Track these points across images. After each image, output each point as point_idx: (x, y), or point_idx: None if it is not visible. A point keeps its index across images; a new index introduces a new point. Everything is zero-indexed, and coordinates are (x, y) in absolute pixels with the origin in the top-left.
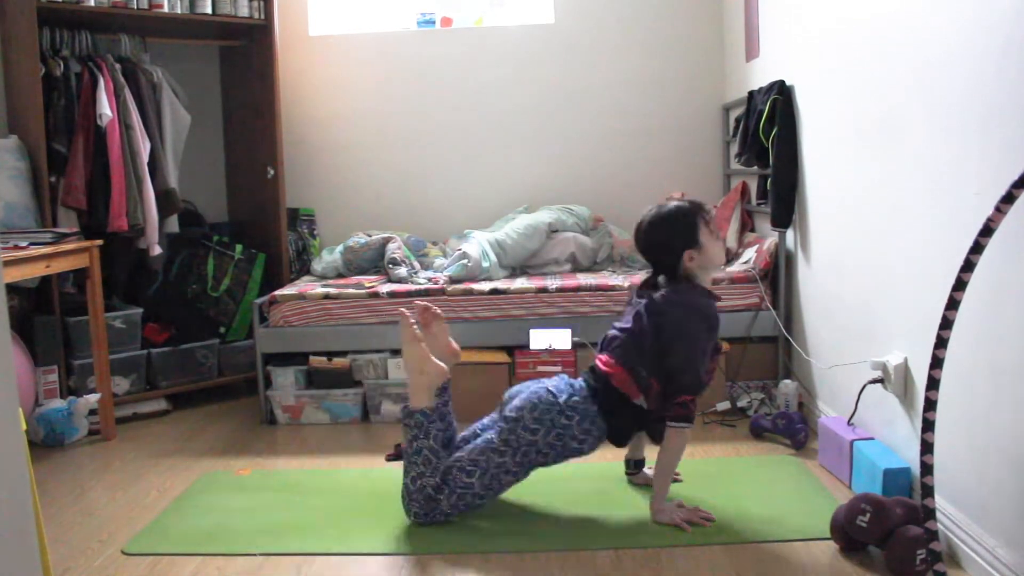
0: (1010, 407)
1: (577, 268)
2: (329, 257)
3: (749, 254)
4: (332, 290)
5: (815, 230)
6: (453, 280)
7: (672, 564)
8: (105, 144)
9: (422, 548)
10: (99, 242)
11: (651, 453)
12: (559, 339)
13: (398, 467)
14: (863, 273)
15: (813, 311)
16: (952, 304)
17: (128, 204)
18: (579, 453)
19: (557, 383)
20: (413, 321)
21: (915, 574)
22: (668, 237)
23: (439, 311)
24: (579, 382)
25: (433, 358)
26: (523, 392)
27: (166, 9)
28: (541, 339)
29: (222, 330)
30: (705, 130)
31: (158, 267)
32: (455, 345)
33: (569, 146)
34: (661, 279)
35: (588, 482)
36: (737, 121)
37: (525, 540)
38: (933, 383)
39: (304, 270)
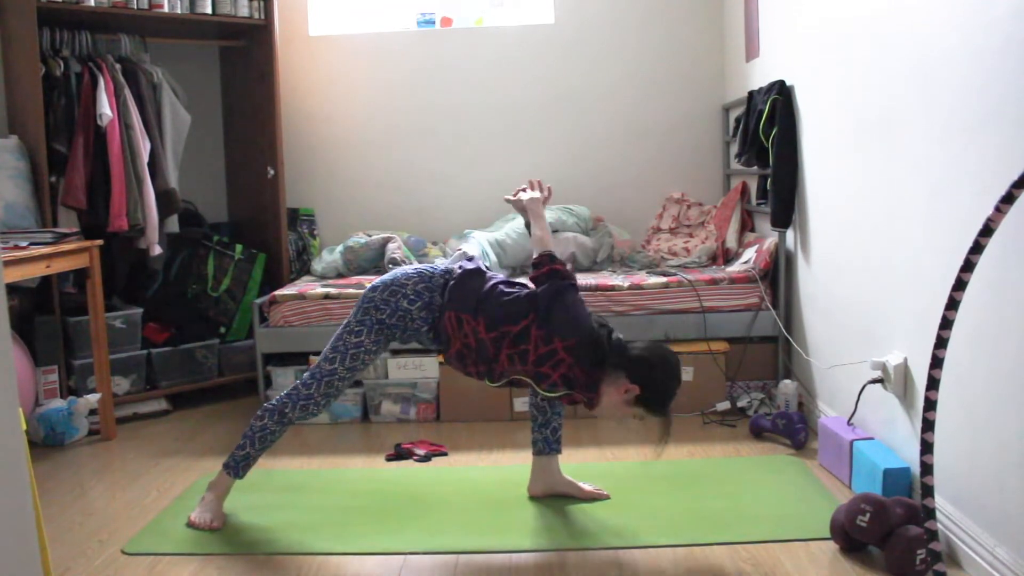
0: (1010, 407)
1: (577, 268)
2: (329, 257)
3: (749, 254)
4: (332, 290)
5: (815, 230)
6: None
7: (673, 564)
8: (105, 144)
9: (422, 548)
10: (99, 242)
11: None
12: None
13: (398, 467)
14: (863, 273)
15: (813, 311)
16: (952, 304)
17: (128, 204)
18: (409, 315)
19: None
20: None
21: (915, 574)
22: (652, 376)
23: None
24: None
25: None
26: None
27: (166, 9)
28: None
29: (222, 330)
30: (705, 130)
31: (158, 267)
32: None
33: (569, 146)
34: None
35: (588, 482)
36: (737, 121)
37: (525, 539)
38: (933, 383)
39: (304, 270)
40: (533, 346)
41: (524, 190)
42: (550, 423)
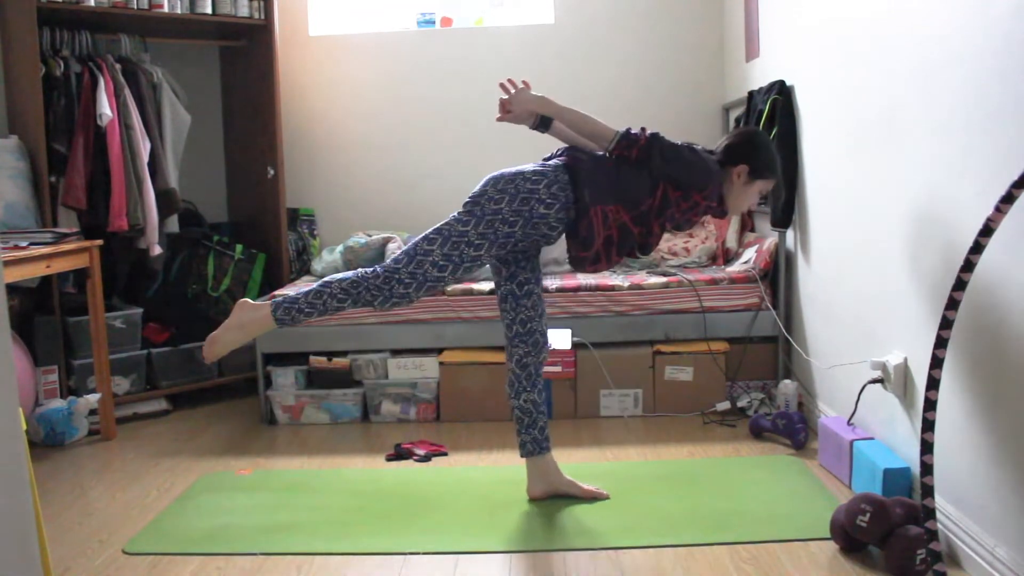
0: (1009, 407)
1: None
2: (329, 257)
3: (749, 254)
4: None
5: (815, 230)
6: None
7: (673, 564)
8: (105, 144)
9: (422, 548)
10: (99, 242)
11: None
12: (559, 339)
13: (398, 467)
14: (863, 273)
15: (813, 311)
16: (952, 304)
17: (128, 204)
18: (545, 221)
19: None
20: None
21: (915, 574)
22: (747, 150)
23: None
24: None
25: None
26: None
27: (166, 9)
28: None
29: None
30: (705, 130)
31: (158, 267)
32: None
33: None
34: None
35: (587, 482)
36: (737, 121)
37: (525, 539)
38: (933, 383)
39: (304, 270)
40: (676, 207)
41: (507, 101)
42: (536, 423)
